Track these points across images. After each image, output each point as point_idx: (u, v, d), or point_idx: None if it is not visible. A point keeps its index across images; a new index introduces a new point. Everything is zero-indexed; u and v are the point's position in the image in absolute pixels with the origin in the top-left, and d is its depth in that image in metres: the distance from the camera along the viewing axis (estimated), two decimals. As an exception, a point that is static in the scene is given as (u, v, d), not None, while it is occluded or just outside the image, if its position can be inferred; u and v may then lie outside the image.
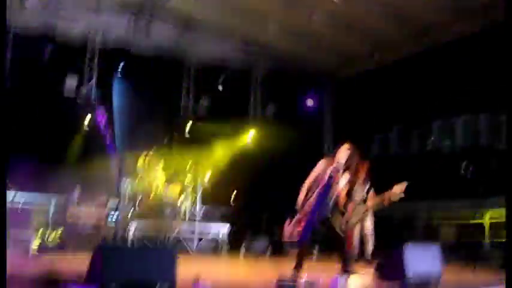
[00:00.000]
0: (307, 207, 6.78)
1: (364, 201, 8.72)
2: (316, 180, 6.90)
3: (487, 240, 10.29)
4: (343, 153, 6.87)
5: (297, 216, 6.85)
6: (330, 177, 6.79)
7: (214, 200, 13.51)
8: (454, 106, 11.53)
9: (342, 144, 6.99)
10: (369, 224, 8.99)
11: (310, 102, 14.80)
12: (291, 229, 6.93)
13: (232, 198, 14.26)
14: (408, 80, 12.48)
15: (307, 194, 6.85)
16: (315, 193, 6.76)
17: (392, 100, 12.93)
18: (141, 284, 4.63)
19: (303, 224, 6.81)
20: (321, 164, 7.12)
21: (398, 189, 8.13)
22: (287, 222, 6.98)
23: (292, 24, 12.49)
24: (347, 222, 8.63)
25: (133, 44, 12.72)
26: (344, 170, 6.92)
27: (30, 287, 4.99)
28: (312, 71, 14.72)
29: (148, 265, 4.73)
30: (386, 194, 8.27)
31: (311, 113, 14.96)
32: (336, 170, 6.80)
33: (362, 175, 8.83)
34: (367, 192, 8.79)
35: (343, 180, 7.02)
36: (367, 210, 8.69)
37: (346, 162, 6.88)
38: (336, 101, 15.46)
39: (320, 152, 14.71)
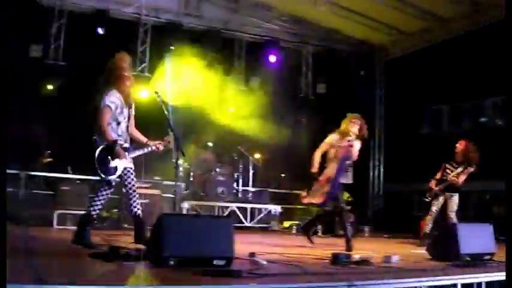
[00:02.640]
0: (328, 173, 7.32)
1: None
2: (331, 150, 7.42)
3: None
4: (353, 124, 7.40)
5: (317, 182, 7.36)
6: (350, 146, 7.28)
7: (265, 181, 13.61)
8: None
9: (349, 116, 7.50)
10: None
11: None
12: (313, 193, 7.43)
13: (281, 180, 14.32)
14: (460, 58, 12.18)
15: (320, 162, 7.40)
16: (336, 160, 7.29)
17: (443, 77, 12.68)
18: (199, 259, 4.56)
19: (326, 188, 7.26)
20: (332, 136, 7.55)
21: None
22: (306, 190, 7.56)
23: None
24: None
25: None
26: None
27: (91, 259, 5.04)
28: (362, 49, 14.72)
29: (205, 238, 4.66)
30: None
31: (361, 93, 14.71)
32: (352, 140, 7.33)
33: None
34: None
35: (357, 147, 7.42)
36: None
37: (358, 131, 7.42)
38: (386, 78, 15.30)
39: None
